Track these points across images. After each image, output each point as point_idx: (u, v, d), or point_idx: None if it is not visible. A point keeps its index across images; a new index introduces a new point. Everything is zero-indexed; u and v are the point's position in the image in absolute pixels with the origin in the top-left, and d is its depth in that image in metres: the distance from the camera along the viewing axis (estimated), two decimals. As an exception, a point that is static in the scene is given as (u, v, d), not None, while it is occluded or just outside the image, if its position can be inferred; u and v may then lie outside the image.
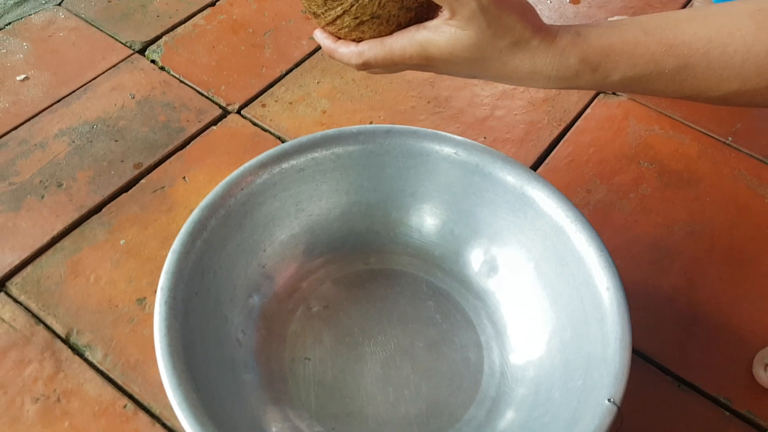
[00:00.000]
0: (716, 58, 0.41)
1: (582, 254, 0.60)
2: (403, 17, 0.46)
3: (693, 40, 0.42)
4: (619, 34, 0.43)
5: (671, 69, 0.43)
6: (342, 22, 0.47)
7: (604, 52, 0.43)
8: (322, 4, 0.47)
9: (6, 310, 0.67)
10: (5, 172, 0.78)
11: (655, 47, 0.43)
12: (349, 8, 0.45)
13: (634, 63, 0.43)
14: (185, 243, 0.58)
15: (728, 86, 0.42)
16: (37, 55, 0.90)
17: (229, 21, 0.95)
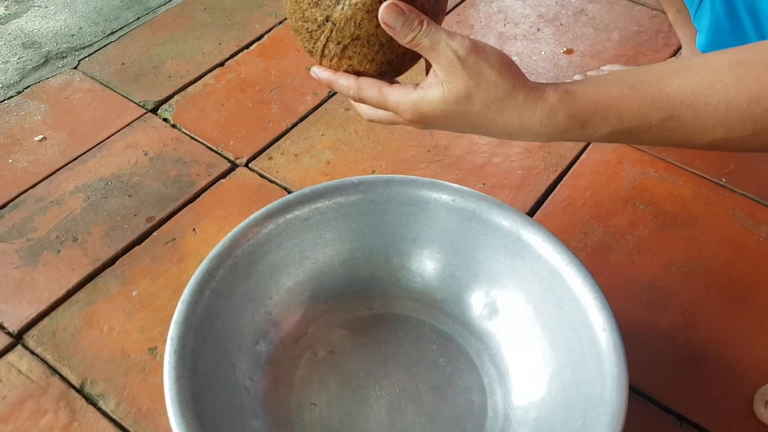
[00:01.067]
0: (701, 109, 0.43)
1: (578, 296, 0.61)
2: (383, 36, 0.48)
3: (677, 93, 0.44)
4: (606, 90, 0.45)
5: (658, 121, 0.44)
6: (329, 51, 0.49)
7: (592, 109, 0.45)
8: (308, 38, 0.50)
9: (23, 362, 0.69)
10: (23, 228, 0.81)
11: (640, 101, 0.44)
12: (330, 34, 0.48)
13: (621, 117, 0.45)
14: (194, 293, 0.60)
15: (714, 134, 0.44)
16: (54, 116, 0.95)
17: (237, 80, 1.00)
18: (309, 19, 0.48)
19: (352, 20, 0.47)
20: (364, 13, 0.46)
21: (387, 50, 0.49)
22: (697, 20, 0.71)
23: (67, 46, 1.06)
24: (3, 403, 0.66)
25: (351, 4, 0.46)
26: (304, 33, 0.49)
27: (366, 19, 0.47)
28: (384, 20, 0.44)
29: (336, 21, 0.47)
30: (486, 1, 1.14)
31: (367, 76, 0.50)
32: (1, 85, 1.00)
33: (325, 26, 0.48)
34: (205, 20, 1.10)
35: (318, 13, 0.47)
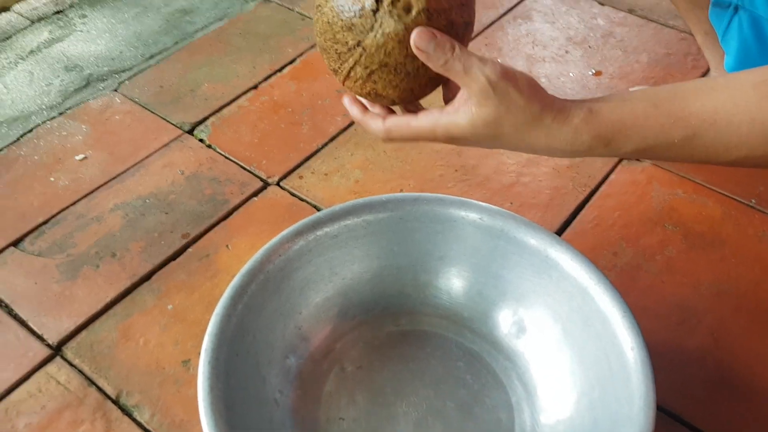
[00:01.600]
0: (723, 128, 0.44)
1: (606, 315, 0.62)
2: (410, 65, 0.49)
3: (700, 111, 0.44)
4: (631, 109, 0.46)
5: (680, 139, 0.45)
6: (355, 73, 0.51)
7: (616, 128, 0.46)
8: (336, 58, 0.51)
9: (62, 373, 0.71)
10: (64, 244, 0.84)
11: (664, 120, 0.45)
12: (359, 58, 0.49)
13: (644, 135, 0.46)
14: (227, 307, 0.62)
15: (737, 153, 0.44)
16: (95, 136, 0.98)
17: (270, 102, 1.03)
18: (340, 41, 0.49)
19: (383, 48, 0.48)
20: (396, 43, 0.48)
21: (412, 78, 0.50)
22: (725, 42, 0.71)
23: (107, 69, 1.10)
24: (42, 413, 0.68)
25: (384, 32, 0.47)
26: (333, 53, 0.51)
27: (396, 49, 0.48)
28: (416, 45, 0.45)
29: (367, 47, 0.48)
30: (514, 23, 1.16)
31: (386, 101, 0.52)
32: (44, 106, 1.04)
33: (355, 50, 0.49)
34: (240, 45, 1.13)
35: (350, 37, 0.49)
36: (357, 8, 0.47)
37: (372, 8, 0.47)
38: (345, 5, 0.48)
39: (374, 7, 0.47)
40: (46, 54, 1.13)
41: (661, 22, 1.15)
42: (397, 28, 0.47)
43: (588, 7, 1.18)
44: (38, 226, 0.86)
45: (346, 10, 0.48)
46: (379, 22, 0.47)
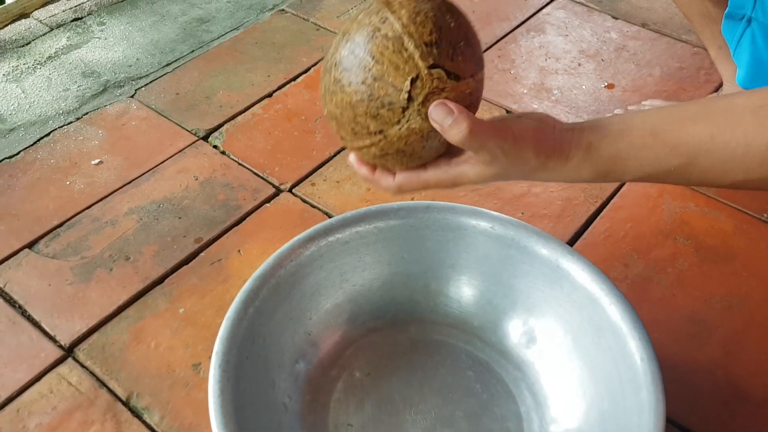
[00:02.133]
0: (719, 154, 0.44)
1: (617, 326, 0.62)
2: (425, 152, 0.50)
3: (696, 139, 0.45)
4: (629, 140, 0.47)
5: (677, 166, 0.46)
6: (368, 151, 0.51)
7: (613, 161, 0.48)
8: (350, 133, 0.50)
9: (73, 375, 0.72)
10: (78, 246, 0.85)
11: (659, 149, 0.46)
12: (377, 142, 0.49)
13: (641, 165, 0.47)
14: (239, 311, 0.62)
15: (734, 177, 0.45)
16: (111, 141, 0.99)
17: (284, 110, 1.04)
18: (360, 123, 0.49)
19: (405, 140, 0.48)
20: (419, 137, 0.48)
21: (423, 160, 0.51)
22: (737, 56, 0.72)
23: (124, 75, 1.12)
24: (53, 413, 0.69)
25: (410, 128, 0.48)
26: (348, 128, 0.50)
27: (417, 141, 0.48)
28: (433, 117, 0.46)
29: (389, 136, 0.48)
30: (527, 36, 1.17)
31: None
32: (62, 111, 1.05)
33: (374, 136, 0.49)
34: (256, 54, 1.15)
35: (372, 125, 0.48)
36: (387, 101, 0.47)
37: (403, 106, 0.47)
38: (374, 95, 0.47)
39: (405, 105, 0.47)
40: (64, 60, 1.15)
41: (674, 37, 1.15)
42: (423, 125, 0.48)
43: (601, 21, 1.19)
44: (53, 229, 0.87)
45: (375, 100, 0.47)
46: (407, 117, 0.47)
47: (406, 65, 0.46)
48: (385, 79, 0.46)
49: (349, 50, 0.48)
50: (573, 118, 1.01)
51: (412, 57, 0.46)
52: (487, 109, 1.03)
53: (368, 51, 0.46)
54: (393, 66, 0.46)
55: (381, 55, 0.46)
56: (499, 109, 1.03)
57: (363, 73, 0.47)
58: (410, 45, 0.46)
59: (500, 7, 1.23)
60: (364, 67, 0.47)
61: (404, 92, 0.46)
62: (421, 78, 0.46)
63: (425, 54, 0.46)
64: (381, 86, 0.46)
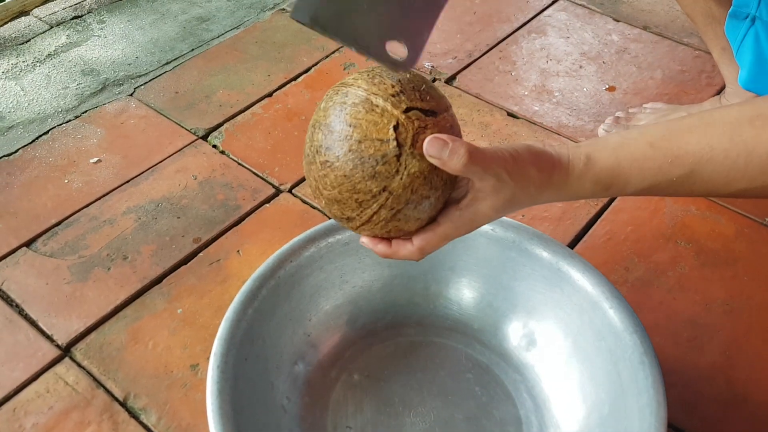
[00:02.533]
0: (720, 163, 0.44)
1: (618, 329, 0.61)
2: (433, 195, 0.49)
3: (696, 149, 0.45)
4: (629, 151, 0.47)
5: (679, 177, 0.46)
6: (378, 216, 0.50)
7: (614, 172, 0.48)
8: (356, 207, 0.49)
9: (70, 374, 0.71)
10: (76, 245, 0.84)
11: (661, 160, 0.46)
12: (384, 202, 0.49)
13: (643, 177, 0.47)
14: (238, 311, 0.62)
15: (736, 186, 0.45)
16: (109, 140, 0.99)
17: (284, 110, 1.03)
18: (361, 191, 0.48)
19: (410, 187, 0.48)
20: (422, 180, 0.48)
21: (434, 206, 0.50)
22: (740, 56, 0.71)
23: (123, 74, 1.11)
24: (49, 413, 0.68)
25: (410, 173, 0.47)
26: (351, 203, 0.49)
27: (422, 185, 0.48)
28: (430, 153, 0.46)
29: (393, 190, 0.48)
30: (529, 38, 1.16)
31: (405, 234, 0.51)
32: (60, 109, 1.05)
33: (380, 196, 0.48)
34: (256, 53, 1.14)
35: (374, 185, 0.48)
36: (379, 156, 0.47)
37: (395, 154, 0.47)
38: (365, 157, 0.47)
39: (397, 153, 0.47)
40: (63, 58, 1.14)
41: (675, 40, 1.15)
42: (421, 166, 0.48)
43: (602, 23, 1.19)
44: (51, 227, 0.87)
45: (367, 160, 0.47)
46: (404, 164, 0.47)
47: (382, 118, 0.47)
48: (368, 137, 0.47)
49: (326, 132, 0.48)
50: (574, 121, 1.00)
51: (386, 109, 0.47)
52: (488, 111, 1.02)
53: (344, 122, 0.48)
54: (372, 123, 0.47)
55: (357, 120, 0.47)
56: (501, 111, 1.02)
57: (347, 143, 0.47)
58: (379, 101, 0.47)
59: (501, 8, 1.22)
60: (346, 137, 0.47)
61: (392, 141, 0.47)
62: (401, 123, 0.47)
63: (396, 103, 0.47)
64: (368, 146, 0.47)
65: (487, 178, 0.47)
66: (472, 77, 1.09)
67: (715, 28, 0.83)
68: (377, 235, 0.52)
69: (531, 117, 1.01)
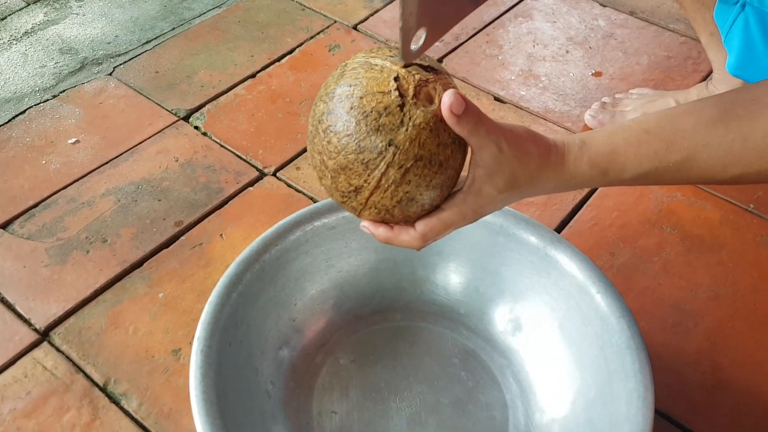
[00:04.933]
0: (716, 148, 0.44)
1: (605, 314, 0.61)
2: (442, 154, 0.47)
3: (692, 134, 0.45)
4: (623, 137, 0.47)
5: (675, 162, 0.46)
6: (387, 179, 0.47)
7: (610, 157, 0.47)
8: (363, 170, 0.47)
9: (48, 359, 0.70)
10: (54, 228, 0.82)
11: (657, 145, 0.46)
12: (392, 159, 0.46)
13: (639, 162, 0.47)
14: (221, 295, 0.61)
15: (732, 171, 0.45)
16: (88, 120, 0.97)
17: (268, 91, 1.01)
18: (367, 148, 0.46)
19: (417, 140, 0.46)
20: (428, 132, 0.46)
21: (443, 170, 0.48)
22: (728, 42, 0.71)
23: (103, 53, 1.08)
24: (27, 399, 0.67)
25: (415, 124, 0.46)
26: (358, 166, 0.47)
27: (429, 138, 0.47)
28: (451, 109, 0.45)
29: (400, 143, 0.46)
30: (515, 22, 1.15)
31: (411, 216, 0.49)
32: (38, 88, 1.02)
33: (387, 151, 0.46)
34: (239, 33, 1.12)
35: (379, 139, 0.46)
36: (382, 108, 0.45)
37: (398, 104, 0.46)
38: (366, 110, 0.46)
39: (400, 102, 0.46)
40: (40, 36, 1.11)
41: (662, 25, 1.15)
42: (426, 117, 0.46)
43: (589, 8, 1.18)
44: (28, 209, 0.84)
45: (369, 113, 0.46)
46: (408, 114, 0.46)
47: (382, 73, 0.46)
48: (370, 92, 0.46)
49: (326, 99, 0.48)
50: (561, 106, 1.00)
51: (384, 66, 0.47)
52: (474, 95, 1.01)
53: (344, 84, 0.47)
54: (372, 80, 0.46)
55: (356, 80, 0.47)
56: (487, 95, 1.01)
57: (348, 101, 0.46)
58: (377, 61, 0.47)
59: (488, -9, 1.21)
60: (347, 96, 0.46)
61: (393, 91, 0.46)
62: (402, 76, 0.46)
63: (395, 62, 0.47)
64: (369, 99, 0.46)
65: (488, 145, 0.46)
66: (458, 61, 1.07)
67: (703, 13, 0.82)
68: (382, 214, 0.49)
69: (518, 102, 1.00)
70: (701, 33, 0.86)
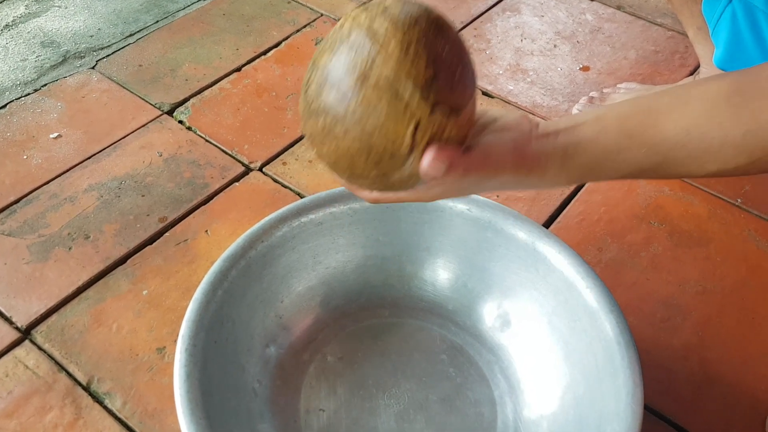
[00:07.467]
0: (695, 148, 0.44)
1: (594, 310, 0.61)
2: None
3: (671, 135, 0.44)
4: (604, 146, 0.47)
5: (653, 164, 0.46)
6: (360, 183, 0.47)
7: (589, 167, 0.47)
8: (348, 175, 0.46)
9: (30, 358, 0.69)
10: (35, 224, 0.81)
11: (636, 150, 0.46)
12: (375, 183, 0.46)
13: (617, 168, 0.47)
14: (207, 292, 0.60)
15: (710, 168, 0.45)
16: (70, 114, 0.95)
17: (253, 85, 1.00)
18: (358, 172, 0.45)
19: (405, 181, 0.46)
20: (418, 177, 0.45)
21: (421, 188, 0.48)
22: (715, 35, 0.71)
23: (85, 46, 1.07)
24: (8, 398, 0.65)
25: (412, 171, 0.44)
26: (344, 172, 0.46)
27: (416, 181, 0.46)
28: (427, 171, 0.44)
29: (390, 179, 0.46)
30: (503, 16, 1.15)
31: None
32: (19, 82, 1.00)
33: (375, 181, 0.46)
34: (224, 26, 1.11)
35: (374, 171, 0.45)
36: (389, 152, 0.43)
37: (405, 154, 0.43)
38: (374, 147, 0.43)
39: (408, 153, 0.43)
40: (22, 29, 1.09)
41: (649, 20, 1.14)
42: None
43: (577, 2, 1.18)
44: (9, 205, 0.83)
45: (375, 151, 0.43)
46: (410, 162, 0.43)
47: (405, 115, 0.41)
48: (384, 129, 0.42)
49: (336, 96, 0.42)
50: (549, 100, 0.99)
51: (410, 104, 0.41)
52: (462, 89, 1.01)
53: (359, 102, 0.41)
54: (391, 119, 0.41)
55: (377, 104, 0.41)
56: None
57: (359, 126, 0.42)
58: (407, 92, 0.41)
59: (476, -15, 1.20)
60: (359, 119, 0.42)
61: (407, 142, 0.42)
62: (422, 125, 0.42)
63: (424, 96, 0.41)
64: (380, 137, 0.42)
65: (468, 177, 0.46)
66: (446, 55, 1.07)
67: (691, 7, 0.82)
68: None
69: (506, 96, 1.00)
70: (688, 27, 0.86)
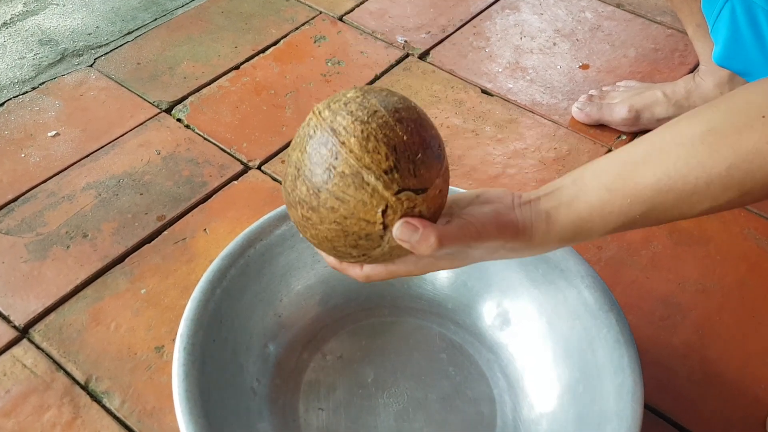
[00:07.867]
0: (681, 190, 0.44)
1: (594, 308, 0.61)
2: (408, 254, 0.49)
3: (653, 181, 0.44)
4: (586, 201, 0.47)
5: (642, 213, 0.46)
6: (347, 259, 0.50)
7: (576, 226, 0.48)
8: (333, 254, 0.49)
9: (28, 356, 0.68)
10: (33, 222, 0.81)
11: (620, 202, 0.46)
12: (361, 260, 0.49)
13: (605, 222, 0.47)
14: (205, 291, 0.60)
15: (701, 206, 0.44)
16: (68, 112, 0.95)
17: (252, 83, 1.00)
18: (341, 251, 0.48)
19: (388, 255, 0.48)
20: (401, 250, 0.48)
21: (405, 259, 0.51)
22: (714, 32, 0.71)
23: (83, 44, 1.06)
24: (6, 397, 0.65)
25: (391, 246, 0.47)
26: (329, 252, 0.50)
27: (399, 253, 0.49)
28: (400, 238, 0.46)
29: (372, 256, 0.48)
30: (503, 14, 1.14)
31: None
32: (17, 80, 1.00)
33: (359, 258, 0.49)
34: (222, 24, 1.10)
35: (355, 252, 0.48)
36: (363, 234, 0.46)
37: (380, 234, 0.46)
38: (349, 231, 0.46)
39: (382, 233, 0.46)
40: (20, 27, 1.09)
41: (649, 18, 1.14)
42: None
43: (576, 0, 1.17)
44: (7, 204, 0.83)
45: (351, 234, 0.46)
46: (387, 240, 0.47)
47: (372, 199, 0.45)
48: (355, 215, 0.45)
49: (310, 189, 0.46)
50: (548, 98, 0.99)
51: (376, 190, 0.45)
52: (462, 88, 1.00)
53: (331, 192, 0.45)
54: (360, 203, 0.45)
55: (344, 194, 0.45)
56: (474, 88, 1.00)
57: (332, 214, 0.46)
58: (371, 178, 0.44)
59: (475, -17, 1.20)
60: (332, 208, 0.45)
61: (378, 224, 0.46)
62: (391, 206, 0.45)
63: (388, 183, 0.44)
64: (353, 223, 0.46)
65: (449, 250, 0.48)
66: (446, 53, 1.06)
67: (690, 4, 0.82)
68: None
69: (505, 94, 1.00)
70: (688, 24, 0.85)
